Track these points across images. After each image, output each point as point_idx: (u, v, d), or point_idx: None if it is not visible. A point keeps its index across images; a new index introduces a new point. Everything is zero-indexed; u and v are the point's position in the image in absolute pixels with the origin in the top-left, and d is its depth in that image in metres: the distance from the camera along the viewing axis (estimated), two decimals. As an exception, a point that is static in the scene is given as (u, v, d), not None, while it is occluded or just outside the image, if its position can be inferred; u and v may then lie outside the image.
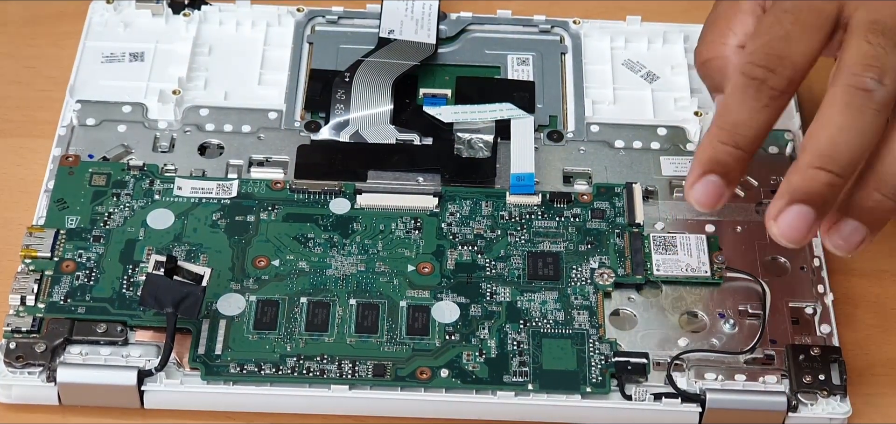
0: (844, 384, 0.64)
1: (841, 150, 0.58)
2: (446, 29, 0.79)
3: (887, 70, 0.59)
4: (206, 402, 0.63)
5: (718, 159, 0.60)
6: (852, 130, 0.58)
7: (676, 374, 0.64)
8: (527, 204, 0.71)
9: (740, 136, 0.60)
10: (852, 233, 0.60)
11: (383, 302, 0.66)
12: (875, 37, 0.60)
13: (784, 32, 0.60)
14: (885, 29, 0.60)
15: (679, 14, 0.81)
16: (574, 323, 0.66)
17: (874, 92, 0.59)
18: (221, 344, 0.64)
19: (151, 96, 0.75)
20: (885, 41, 0.60)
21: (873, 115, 0.59)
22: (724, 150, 0.60)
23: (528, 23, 0.80)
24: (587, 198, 0.71)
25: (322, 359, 0.64)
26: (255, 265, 0.67)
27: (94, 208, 0.69)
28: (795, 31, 0.60)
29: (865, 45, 0.60)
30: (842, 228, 0.60)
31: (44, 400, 0.63)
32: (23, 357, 0.63)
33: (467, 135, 0.73)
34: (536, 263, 0.68)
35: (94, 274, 0.66)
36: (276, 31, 0.79)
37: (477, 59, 0.78)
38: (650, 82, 0.77)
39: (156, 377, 0.63)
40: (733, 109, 0.60)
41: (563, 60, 0.78)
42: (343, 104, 0.74)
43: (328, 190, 0.71)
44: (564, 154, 0.73)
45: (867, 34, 0.60)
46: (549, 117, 0.75)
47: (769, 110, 0.60)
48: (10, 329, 0.64)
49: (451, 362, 0.64)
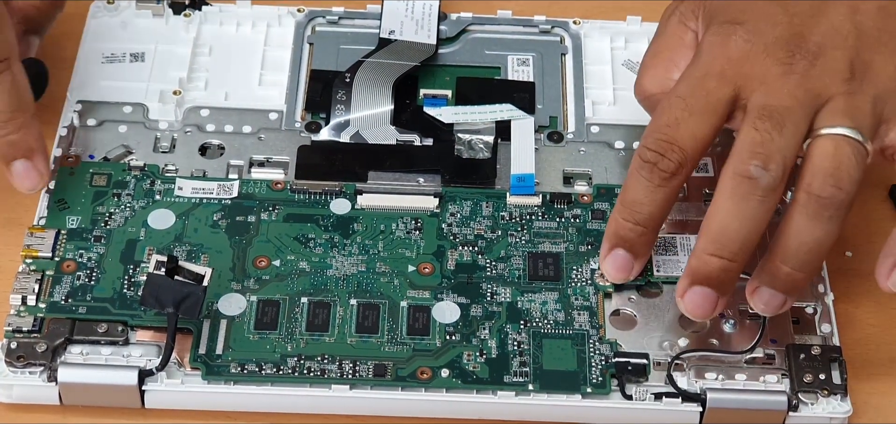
0: (845, 383, 0.64)
1: (730, 237, 0.62)
2: (446, 29, 0.79)
3: (772, 156, 0.62)
4: (206, 402, 0.63)
5: (621, 235, 0.65)
6: (739, 218, 0.62)
7: (677, 374, 0.64)
8: (527, 204, 0.71)
9: (639, 214, 0.64)
10: (771, 299, 0.64)
11: (384, 303, 0.66)
12: (762, 122, 0.62)
13: (674, 118, 0.64)
14: (773, 112, 0.62)
15: (679, 15, 0.81)
16: (574, 324, 0.66)
17: (758, 179, 0.61)
18: (222, 344, 0.64)
19: (152, 97, 0.75)
20: (772, 126, 0.62)
21: (758, 202, 0.62)
22: (626, 227, 0.65)
23: (528, 23, 0.80)
24: (587, 198, 0.71)
25: (323, 359, 0.64)
26: (255, 265, 0.67)
27: (95, 208, 0.69)
28: (684, 116, 0.63)
29: (753, 131, 0.62)
30: (761, 294, 0.64)
31: (45, 400, 0.63)
32: (24, 356, 0.63)
33: (468, 136, 0.73)
34: (537, 264, 0.68)
35: (94, 275, 0.66)
36: (277, 31, 0.79)
37: (477, 60, 0.78)
38: (650, 83, 0.77)
39: (157, 377, 0.63)
40: (631, 189, 0.65)
41: (564, 61, 0.78)
42: (343, 105, 0.74)
43: (329, 190, 0.71)
44: (565, 154, 0.73)
45: (755, 121, 0.62)
46: (550, 118, 0.75)
47: (663, 190, 0.64)
48: (11, 329, 0.64)
49: (452, 362, 0.64)
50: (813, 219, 0.62)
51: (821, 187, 0.61)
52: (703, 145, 0.64)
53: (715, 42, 0.65)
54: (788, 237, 0.62)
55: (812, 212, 0.61)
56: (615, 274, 0.66)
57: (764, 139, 0.62)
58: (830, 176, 0.61)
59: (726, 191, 0.62)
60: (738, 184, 0.62)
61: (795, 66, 0.64)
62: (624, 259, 0.66)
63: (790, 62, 0.64)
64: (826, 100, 0.63)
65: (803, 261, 0.62)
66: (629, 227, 0.65)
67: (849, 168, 0.62)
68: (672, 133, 0.63)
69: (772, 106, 0.63)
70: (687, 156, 0.63)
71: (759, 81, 0.64)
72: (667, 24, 0.69)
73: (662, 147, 0.63)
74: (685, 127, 0.63)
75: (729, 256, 0.62)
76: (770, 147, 0.62)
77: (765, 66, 0.64)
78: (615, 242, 0.66)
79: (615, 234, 0.65)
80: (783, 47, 0.64)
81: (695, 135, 0.63)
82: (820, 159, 0.62)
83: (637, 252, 0.66)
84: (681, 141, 0.63)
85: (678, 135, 0.63)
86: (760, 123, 0.62)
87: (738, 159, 0.62)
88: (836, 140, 0.62)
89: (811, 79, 0.63)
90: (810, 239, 0.62)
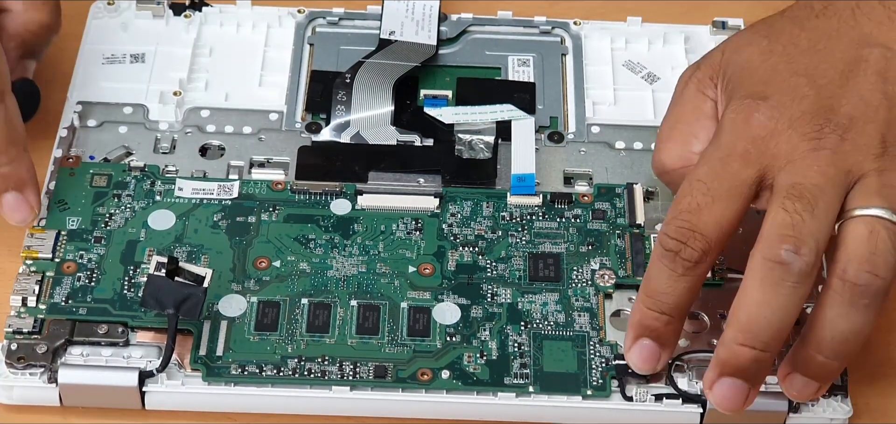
0: (845, 384, 0.64)
1: (761, 326, 0.59)
2: (447, 30, 0.79)
3: (805, 239, 0.58)
4: (207, 403, 0.63)
5: (647, 325, 0.62)
6: (770, 306, 0.58)
7: (677, 375, 0.64)
8: (527, 205, 0.71)
9: (663, 304, 0.61)
10: (804, 387, 0.61)
11: (384, 304, 0.66)
12: (793, 203, 0.59)
13: (696, 204, 0.60)
14: (804, 193, 0.59)
15: (679, 15, 0.81)
16: (575, 325, 0.66)
17: (791, 264, 0.58)
18: (223, 345, 0.64)
19: (152, 97, 0.75)
20: (803, 206, 0.59)
21: (791, 289, 0.58)
22: (651, 316, 0.61)
23: (528, 24, 0.80)
24: (588, 198, 0.71)
25: (323, 360, 0.64)
26: (256, 266, 0.67)
27: (95, 209, 0.69)
28: (707, 202, 0.60)
29: (782, 213, 0.59)
30: (794, 381, 0.62)
31: (45, 401, 0.63)
32: (24, 358, 0.63)
33: (468, 136, 0.73)
34: (537, 264, 0.68)
35: (95, 276, 0.66)
36: (277, 32, 0.79)
37: (477, 60, 0.78)
38: (651, 83, 0.77)
39: (157, 378, 0.63)
40: (653, 277, 0.61)
41: (564, 61, 0.78)
42: (344, 105, 0.74)
43: (329, 191, 0.71)
44: (565, 155, 0.73)
45: (785, 201, 0.59)
46: (550, 118, 0.75)
47: (687, 279, 0.60)
48: (11, 330, 0.64)
49: (452, 363, 0.64)
50: (848, 308, 0.59)
51: (856, 274, 0.58)
52: (727, 231, 0.60)
53: (737, 120, 0.62)
54: (823, 326, 0.59)
55: (847, 300, 0.59)
56: (642, 365, 0.62)
57: (795, 221, 0.58)
58: (866, 262, 0.58)
59: (756, 278, 0.58)
60: (770, 270, 0.58)
61: (825, 141, 0.60)
62: (650, 349, 0.62)
63: (819, 137, 0.60)
64: (858, 177, 0.60)
65: (838, 351, 0.60)
66: (654, 317, 0.61)
67: (885, 253, 0.58)
68: (694, 220, 0.60)
69: (802, 185, 0.59)
70: (711, 243, 0.60)
71: (786, 159, 0.60)
72: (683, 93, 0.67)
73: (684, 235, 0.60)
74: (708, 213, 0.60)
75: (761, 346, 0.59)
76: (802, 230, 0.58)
77: (791, 142, 0.61)
78: (640, 332, 0.62)
79: (640, 324, 0.62)
80: (810, 121, 0.61)
81: (719, 221, 0.60)
82: (854, 244, 0.59)
83: (664, 341, 0.62)
84: (703, 228, 0.60)
85: (700, 222, 0.60)
86: (790, 204, 0.59)
87: (768, 243, 0.58)
88: (870, 223, 0.59)
89: (842, 155, 0.60)
90: (846, 329, 0.59)
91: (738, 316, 0.59)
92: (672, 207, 0.61)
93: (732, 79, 0.64)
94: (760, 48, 0.65)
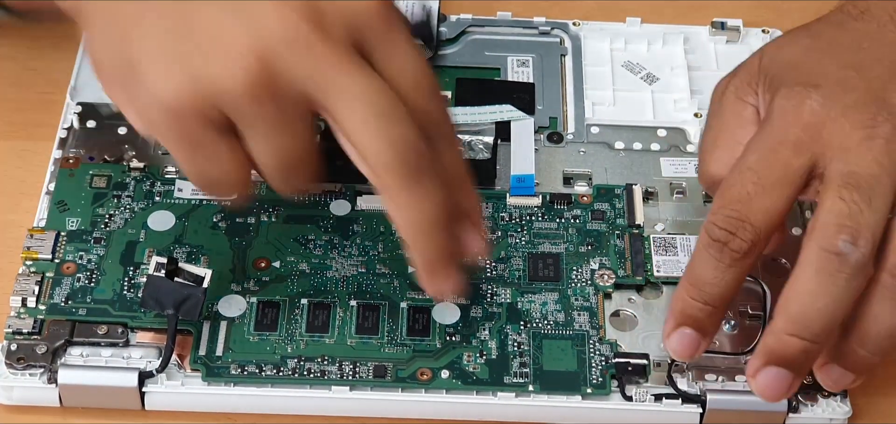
0: (845, 384, 0.64)
1: (813, 318, 0.58)
2: (446, 31, 0.79)
3: (862, 230, 0.57)
4: (207, 404, 0.63)
5: (689, 314, 0.60)
6: (824, 297, 0.57)
7: (677, 375, 0.64)
8: (527, 205, 0.71)
9: (708, 294, 0.60)
10: (841, 378, 0.61)
11: (384, 304, 0.66)
12: (849, 193, 0.58)
13: (745, 193, 0.59)
14: (860, 182, 0.58)
15: (679, 16, 0.81)
16: (574, 325, 0.66)
17: (848, 256, 0.57)
18: (222, 345, 0.64)
19: (152, 98, 0.75)
20: (861, 197, 0.58)
21: (846, 281, 0.57)
22: (694, 306, 0.60)
23: (527, 24, 0.80)
24: (587, 199, 0.71)
25: (323, 361, 0.64)
26: (255, 266, 0.67)
27: (95, 210, 0.69)
28: (757, 191, 0.59)
29: (839, 202, 0.58)
30: (831, 372, 0.61)
31: (45, 402, 0.63)
32: (24, 358, 0.63)
33: (467, 137, 0.73)
34: (537, 264, 0.68)
35: (94, 276, 0.66)
36: (277, 33, 0.79)
37: (477, 61, 0.78)
38: (650, 84, 0.77)
39: (157, 378, 0.63)
40: (698, 267, 0.60)
41: (563, 62, 0.78)
42: (343, 106, 0.74)
43: (328, 191, 0.71)
44: (564, 155, 0.73)
45: (841, 190, 0.58)
46: (549, 119, 0.75)
47: (734, 270, 0.59)
48: (11, 330, 0.64)
49: (452, 363, 0.64)
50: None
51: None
52: (777, 221, 0.59)
53: (787, 107, 0.60)
54: (868, 321, 0.58)
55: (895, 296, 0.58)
56: (682, 352, 0.61)
57: (852, 211, 0.57)
58: None
59: (811, 268, 0.57)
60: (826, 260, 0.57)
61: (879, 129, 0.59)
62: (691, 338, 0.60)
63: (873, 125, 0.59)
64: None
65: (882, 347, 0.59)
66: (698, 307, 0.60)
67: None
68: (743, 209, 0.59)
69: (857, 174, 0.58)
70: (760, 234, 0.58)
71: (840, 148, 0.59)
72: (721, 103, 0.65)
73: (733, 225, 0.59)
74: (758, 202, 0.59)
75: (811, 338, 0.58)
76: (859, 220, 0.57)
77: (844, 131, 0.59)
78: (682, 321, 0.60)
79: (682, 313, 0.60)
80: (864, 110, 0.60)
81: (768, 210, 0.59)
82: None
83: (705, 330, 0.60)
84: (753, 217, 0.58)
85: (750, 211, 0.58)
86: (847, 194, 0.57)
87: (824, 233, 0.57)
88: None
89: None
90: (892, 325, 0.58)
91: (789, 306, 0.58)
92: (718, 195, 0.60)
93: (777, 76, 0.63)
94: (803, 46, 0.64)
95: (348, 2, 0.58)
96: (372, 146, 0.57)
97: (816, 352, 0.59)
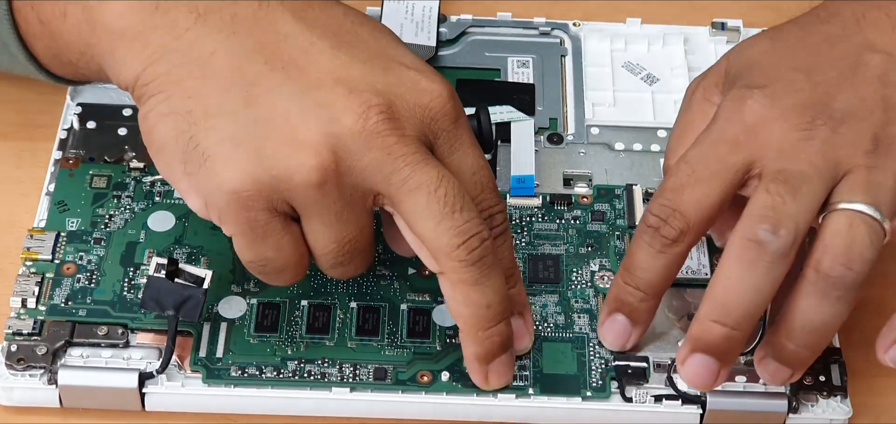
0: (845, 385, 0.64)
1: (733, 304, 0.59)
2: (446, 31, 0.79)
3: (783, 220, 0.59)
4: (207, 405, 0.63)
5: (622, 299, 0.63)
6: (744, 284, 0.59)
7: (677, 376, 0.64)
8: (527, 206, 0.71)
9: (639, 279, 0.62)
10: (777, 371, 0.62)
11: (384, 306, 0.66)
12: (776, 185, 0.60)
13: (679, 183, 0.61)
14: (789, 178, 0.60)
15: (679, 16, 0.81)
16: (574, 327, 0.66)
17: (767, 244, 0.59)
18: (223, 346, 0.64)
19: (152, 99, 0.74)
20: (786, 189, 0.59)
21: (766, 269, 0.59)
22: (627, 291, 0.63)
23: (528, 25, 0.80)
24: (587, 200, 0.71)
25: (323, 362, 0.64)
26: (255, 268, 0.67)
27: (95, 210, 0.69)
28: (690, 182, 0.61)
29: (764, 195, 0.60)
30: (768, 365, 0.62)
31: (45, 403, 0.63)
32: (24, 359, 0.63)
33: (467, 138, 0.73)
34: (537, 266, 0.68)
35: (94, 277, 0.66)
36: (277, 33, 0.79)
37: (477, 62, 0.78)
38: (650, 84, 0.77)
39: (157, 379, 0.63)
40: (633, 252, 0.62)
41: (563, 63, 0.78)
42: (343, 106, 0.74)
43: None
44: (564, 156, 0.73)
45: (769, 184, 0.60)
46: (550, 119, 0.75)
47: (665, 257, 0.61)
48: (11, 331, 0.64)
49: (452, 365, 0.64)
50: (820, 299, 0.59)
51: (830, 266, 0.59)
52: (708, 213, 0.61)
53: (730, 106, 0.63)
54: (794, 314, 0.60)
55: (820, 291, 0.59)
56: (613, 340, 0.64)
57: (776, 203, 0.59)
58: (841, 255, 0.59)
59: (733, 255, 0.59)
60: (746, 248, 0.59)
61: (815, 132, 0.61)
62: (622, 325, 0.63)
63: (810, 128, 0.61)
64: (845, 171, 0.60)
65: (808, 341, 0.60)
66: (629, 291, 0.62)
67: (862, 248, 0.59)
68: (675, 198, 0.61)
69: (788, 170, 0.60)
70: (690, 223, 0.61)
71: (776, 149, 0.61)
72: (691, 101, 0.67)
73: (665, 212, 0.61)
74: (690, 193, 0.61)
75: (732, 324, 0.60)
76: (782, 211, 0.59)
77: (782, 132, 0.61)
78: (615, 306, 0.63)
79: (616, 298, 0.63)
80: (803, 112, 0.61)
81: (699, 201, 0.61)
82: (832, 236, 0.59)
83: (636, 318, 0.63)
84: (683, 207, 0.61)
85: (682, 200, 0.61)
86: (773, 187, 0.60)
87: (747, 222, 0.59)
88: (851, 217, 0.59)
89: (832, 147, 0.61)
90: (816, 319, 0.60)
91: (712, 292, 0.60)
92: (659, 186, 0.62)
93: (735, 77, 0.65)
94: (763, 48, 0.66)
95: (420, 95, 0.60)
96: (437, 235, 0.59)
97: (738, 339, 0.60)
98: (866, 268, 0.59)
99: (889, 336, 0.62)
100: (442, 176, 0.59)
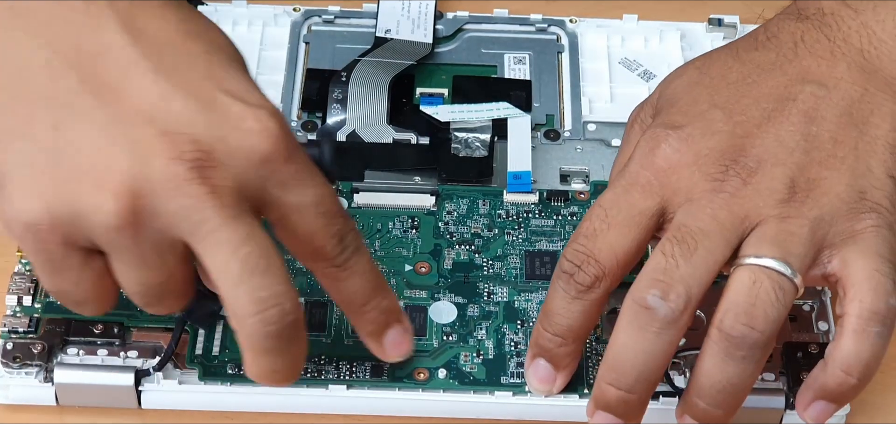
0: (842, 383, 0.64)
1: (625, 369, 0.58)
2: (443, 28, 0.79)
3: (673, 285, 0.57)
4: (203, 402, 0.63)
5: (542, 345, 0.61)
6: (634, 349, 0.58)
7: (674, 373, 0.64)
8: (524, 202, 0.71)
9: (556, 325, 0.60)
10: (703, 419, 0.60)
11: (381, 302, 0.66)
12: (671, 246, 0.58)
13: (592, 229, 0.60)
14: (686, 237, 0.58)
15: (675, 12, 0.81)
16: (572, 323, 0.66)
17: (656, 310, 0.57)
18: (219, 344, 0.64)
19: (148, 96, 0.74)
20: (681, 250, 0.57)
21: (655, 334, 0.57)
22: (546, 337, 0.61)
23: (524, 21, 0.80)
24: (584, 196, 0.71)
25: (320, 360, 0.64)
26: (252, 265, 0.67)
27: (91, 208, 0.69)
28: (603, 228, 0.59)
29: (659, 256, 0.58)
30: (686, 421, 0.60)
31: (41, 401, 0.63)
32: (20, 357, 0.63)
33: (464, 134, 0.73)
34: (534, 262, 0.68)
35: (91, 275, 0.66)
36: (273, 30, 0.79)
37: (474, 58, 0.78)
38: (647, 80, 0.77)
39: (153, 377, 0.63)
40: (550, 299, 0.61)
41: (560, 59, 0.78)
42: (340, 103, 0.74)
43: (325, 189, 0.71)
44: (561, 152, 0.73)
45: (665, 244, 0.58)
46: (546, 116, 0.75)
47: (580, 303, 0.60)
48: (6, 329, 0.64)
49: (449, 362, 0.64)
50: (724, 358, 0.57)
51: (731, 326, 0.57)
52: (624, 259, 0.59)
53: (644, 149, 0.61)
54: (701, 374, 0.58)
55: (723, 350, 0.57)
56: (537, 385, 0.62)
57: (668, 266, 0.57)
58: (744, 314, 0.56)
59: (625, 319, 0.58)
60: (636, 313, 0.57)
61: (727, 183, 0.59)
62: (545, 370, 0.62)
63: (721, 178, 0.59)
64: (756, 223, 0.58)
65: (717, 401, 0.58)
66: (548, 337, 0.61)
67: (765, 306, 0.56)
68: (589, 245, 0.59)
69: (686, 227, 0.58)
70: (604, 269, 0.59)
71: (686, 196, 0.59)
72: (629, 133, 0.65)
73: (579, 259, 0.59)
74: (603, 239, 0.59)
75: (626, 388, 0.58)
76: (672, 275, 0.57)
77: (692, 179, 0.59)
78: (537, 352, 0.62)
79: (537, 344, 0.62)
80: (716, 161, 0.59)
81: (613, 248, 0.59)
82: (735, 294, 0.57)
83: (558, 363, 0.62)
84: (598, 253, 0.59)
85: (596, 247, 0.59)
86: (669, 247, 0.58)
87: (639, 286, 0.58)
88: (754, 272, 0.57)
89: (740, 199, 0.58)
90: (722, 379, 0.57)
91: (607, 355, 0.59)
92: (575, 230, 0.61)
93: (660, 110, 0.63)
94: (689, 79, 0.64)
95: (245, 137, 0.54)
96: (234, 297, 0.55)
97: (637, 402, 0.59)
98: (772, 327, 0.57)
99: (807, 394, 0.60)
100: (249, 236, 0.54)
